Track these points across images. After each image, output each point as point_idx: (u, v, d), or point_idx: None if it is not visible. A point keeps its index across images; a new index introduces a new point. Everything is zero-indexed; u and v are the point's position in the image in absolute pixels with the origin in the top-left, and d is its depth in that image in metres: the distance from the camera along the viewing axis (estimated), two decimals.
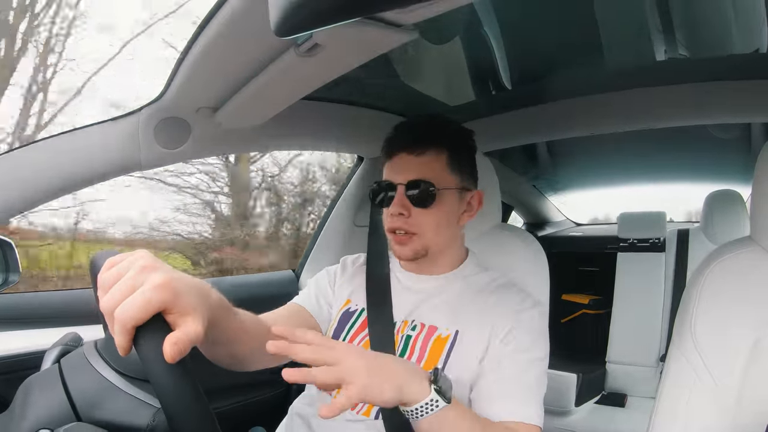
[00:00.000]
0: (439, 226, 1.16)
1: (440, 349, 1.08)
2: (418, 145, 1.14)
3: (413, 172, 1.13)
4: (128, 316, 0.56)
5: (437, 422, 0.84)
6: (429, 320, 1.14)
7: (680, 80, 1.46)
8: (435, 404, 0.83)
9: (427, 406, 0.83)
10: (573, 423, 2.31)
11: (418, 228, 1.13)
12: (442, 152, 1.15)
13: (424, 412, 0.82)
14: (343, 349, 0.82)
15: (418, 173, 1.13)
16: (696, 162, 3.09)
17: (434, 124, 1.19)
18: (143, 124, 1.22)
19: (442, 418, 0.84)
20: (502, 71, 1.61)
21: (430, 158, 1.14)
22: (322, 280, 1.33)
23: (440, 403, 0.83)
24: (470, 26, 1.40)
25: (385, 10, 0.67)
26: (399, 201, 1.13)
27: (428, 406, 0.83)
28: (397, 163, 1.17)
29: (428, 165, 1.14)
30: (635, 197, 3.88)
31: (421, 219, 1.13)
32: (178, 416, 0.55)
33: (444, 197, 1.14)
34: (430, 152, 1.14)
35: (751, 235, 0.96)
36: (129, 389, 0.87)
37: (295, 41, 0.85)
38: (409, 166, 1.14)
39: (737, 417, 0.84)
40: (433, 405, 0.83)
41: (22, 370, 1.16)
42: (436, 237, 1.17)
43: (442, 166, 1.15)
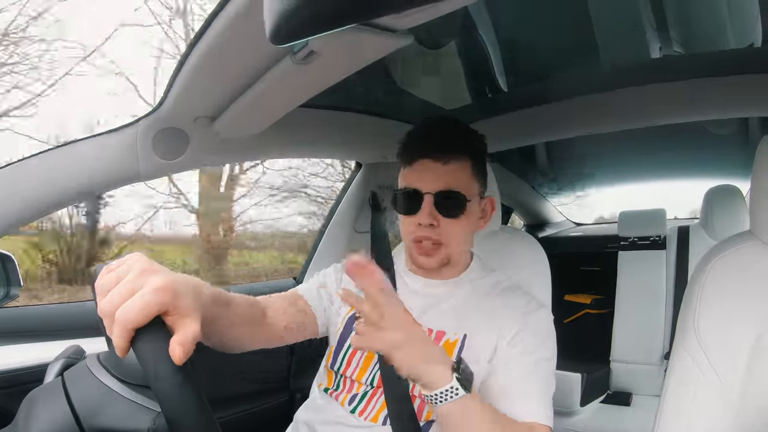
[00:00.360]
0: (465, 236, 1.16)
1: (449, 352, 1.08)
2: (444, 153, 1.10)
3: (441, 182, 1.09)
4: (128, 318, 0.57)
5: (457, 411, 0.85)
6: (437, 325, 1.13)
7: (676, 77, 1.46)
8: (455, 392, 0.84)
9: (447, 393, 0.84)
10: (579, 423, 2.30)
11: (447, 238, 1.11)
12: (466, 160, 1.12)
13: (444, 398, 0.84)
14: (394, 316, 0.85)
15: (447, 183, 1.09)
16: (694, 158, 3.09)
17: (458, 129, 1.16)
18: (141, 135, 1.22)
19: (461, 407, 0.85)
20: (497, 74, 1.61)
21: (457, 167, 1.11)
22: (328, 276, 1.31)
23: (460, 392, 0.84)
24: (465, 30, 1.40)
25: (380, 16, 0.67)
26: (428, 211, 1.09)
27: (448, 393, 0.84)
28: (422, 170, 1.12)
29: (456, 174, 1.10)
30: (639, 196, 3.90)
31: (450, 229, 1.11)
32: (178, 418, 0.55)
33: (471, 207, 1.13)
34: (456, 160, 1.11)
35: (750, 230, 0.96)
36: (129, 395, 0.87)
37: (291, 49, 0.85)
38: (437, 174, 1.10)
39: (742, 413, 0.84)
40: (453, 392, 0.84)
41: (25, 384, 1.16)
42: (460, 246, 1.16)
43: (468, 175, 1.13)
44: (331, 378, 1.20)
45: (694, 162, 3.21)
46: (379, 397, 1.09)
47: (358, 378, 1.14)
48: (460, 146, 1.12)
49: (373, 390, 1.11)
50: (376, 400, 1.10)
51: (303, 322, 1.18)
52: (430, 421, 1.06)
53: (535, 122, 1.80)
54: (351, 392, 1.14)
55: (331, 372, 1.20)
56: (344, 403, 1.13)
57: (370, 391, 1.11)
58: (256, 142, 1.41)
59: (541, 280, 1.36)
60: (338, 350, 1.18)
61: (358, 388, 1.13)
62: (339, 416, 1.11)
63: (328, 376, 1.21)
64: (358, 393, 1.13)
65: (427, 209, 1.09)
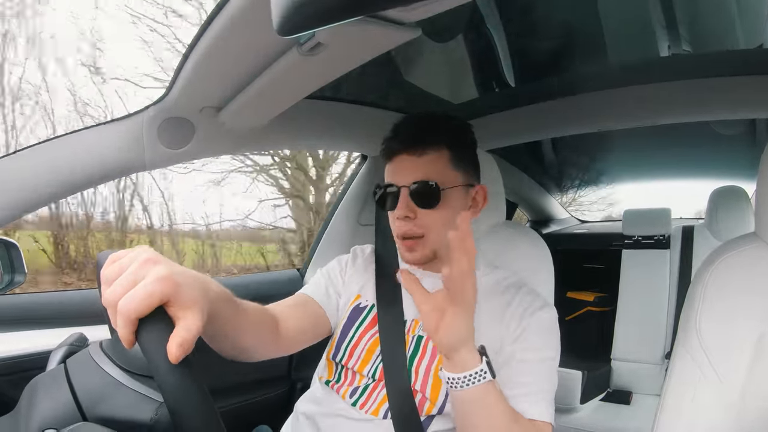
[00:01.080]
0: (447, 226, 1.12)
1: None
2: (419, 145, 1.12)
3: (416, 173, 1.11)
4: (131, 308, 0.57)
5: (479, 396, 0.85)
6: None
7: (684, 76, 1.46)
8: (483, 375, 0.84)
9: (475, 377, 0.84)
10: (578, 420, 2.30)
11: (426, 229, 1.12)
12: (443, 150, 1.13)
13: (471, 382, 0.84)
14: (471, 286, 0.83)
15: (421, 174, 1.11)
16: (699, 158, 3.08)
17: (432, 121, 1.17)
18: (147, 124, 1.22)
19: (484, 393, 0.85)
20: (505, 68, 1.60)
21: (431, 157, 1.12)
22: (333, 270, 1.31)
23: (487, 376, 0.84)
24: (473, 24, 1.40)
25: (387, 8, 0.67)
26: (404, 203, 1.11)
27: (476, 377, 0.84)
28: (398, 164, 1.15)
29: (430, 164, 1.11)
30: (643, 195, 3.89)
31: (428, 220, 1.11)
32: (180, 408, 0.55)
33: (449, 196, 1.12)
34: (431, 151, 1.12)
35: (755, 231, 0.95)
36: (132, 384, 0.87)
37: (297, 40, 0.85)
38: (411, 167, 1.12)
39: (742, 413, 0.84)
40: (480, 376, 0.84)
41: (27, 371, 1.17)
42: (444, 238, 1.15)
43: (445, 164, 1.13)
44: (332, 370, 1.20)
45: (700, 162, 3.20)
46: (381, 390, 1.09)
47: (360, 370, 1.14)
48: (433, 137, 1.13)
49: (375, 383, 1.11)
50: (378, 394, 1.10)
51: (316, 325, 1.18)
52: (430, 415, 1.06)
53: (542, 118, 1.80)
54: (352, 385, 1.14)
55: (332, 363, 1.20)
56: (345, 396, 1.13)
57: (371, 384, 1.11)
58: (262, 132, 1.41)
59: (544, 277, 1.36)
60: (341, 341, 1.18)
61: (359, 381, 1.13)
62: (339, 409, 1.11)
63: (329, 367, 1.21)
64: (359, 386, 1.13)
65: (404, 202, 1.11)
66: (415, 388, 1.06)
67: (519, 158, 3.02)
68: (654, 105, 1.59)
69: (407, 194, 1.11)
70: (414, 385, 1.07)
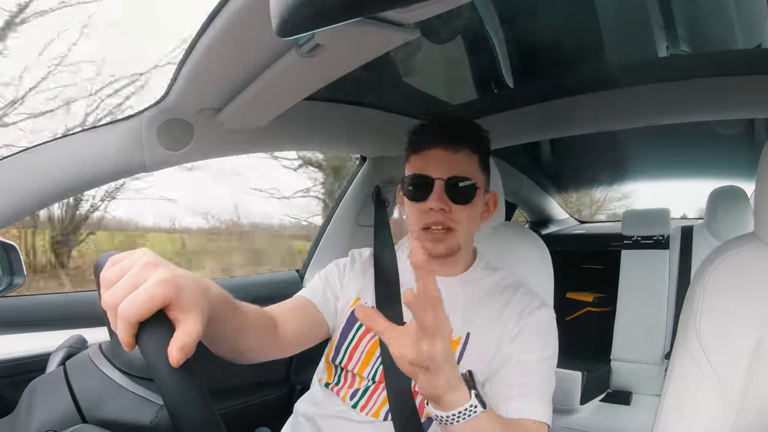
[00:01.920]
0: (473, 224, 1.18)
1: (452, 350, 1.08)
2: (454, 143, 1.13)
3: (452, 168, 1.12)
4: (131, 311, 0.57)
5: (470, 428, 0.81)
6: None
7: (683, 76, 1.46)
8: (474, 410, 0.80)
9: (466, 412, 0.79)
10: (578, 421, 2.30)
11: (457, 224, 1.13)
12: (474, 152, 1.16)
13: (462, 417, 0.79)
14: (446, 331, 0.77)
15: (458, 169, 1.12)
16: (698, 158, 3.08)
17: (468, 123, 1.20)
18: (146, 126, 1.22)
19: (475, 424, 0.80)
20: (503, 69, 1.60)
21: (466, 156, 1.14)
22: (331, 273, 1.31)
23: (478, 409, 0.80)
24: (472, 25, 1.40)
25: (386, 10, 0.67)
26: (438, 196, 1.11)
27: (467, 412, 0.79)
28: (432, 157, 1.14)
29: (466, 162, 1.14)
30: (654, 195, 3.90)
31: (460, 215, 1.13)
32: (180, 412, 0.55)
33: (478, 195, 1.15)
34: (465, 150, 1.14)
35: (754, 232, 0.96)
36: (132, 387, 0.87)
37: (296, 42, 0.85)
38: (447, 161, 1.13)
39: (742, 413, 0.84)
40: (472, 411, 0.80)
41: (27, 373, 1.17)
42: (468, 235, 1.18)
43: (476, 165, 1.16)
44: (332, 372, 1.20)
45: (698, 162, 3.20)
46: (381, 392, 1.09)
47: (360, 372, 1.14)
48: (468, 139, 1.15)
49: (375, 385, 1.11)
50: (378, 396, 1.10)
51: (314, 327, 1.18)
52: (431, 417, 1.06)
53: (541, 119, 1.80)
54: (352, 387, 1.14)
55: (332, 366, 1.20)
56: (345, 398, 1.13)
57: (371, 386, 1.12)
58: (261, 134, 1.41)
59: (543, 277, 1.36)
60: (341, 343, 1.18)
61: (359, 383, 1.14)
62: (340, 410, 1.12)
63: (328, 370, 1.21)
64: (359, 388, 1.13)
65: (438, 194, 1.11)
66: (415, 390, 1.06)
67: (518, 159, 3.03)
68: (652, 105, 1.59)
69: (442, 186, 1.11)
70: (415, 387, 1.06)
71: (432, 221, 1.12)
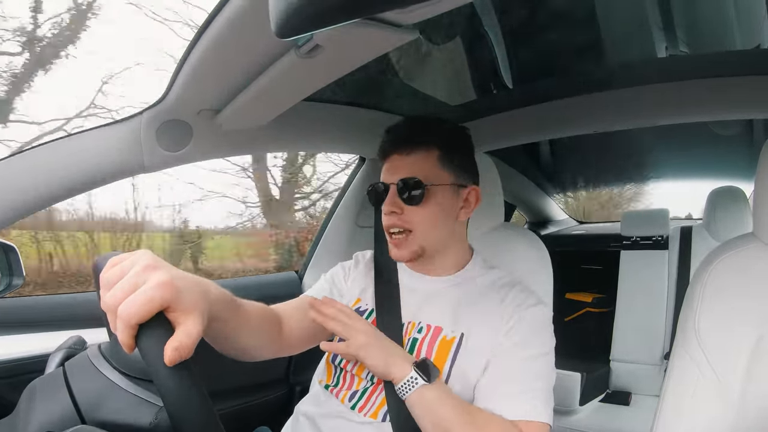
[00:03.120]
0: (433, 223, 1.17)
1: (446, 350, 1.09)
2: (407, 145, 1.16)
3: (403, 171, 1.15)
4: (131, 313, 0.57)
5: (420, 401, 0.97)
6: (434, 321, 1.14)
7: (682, 77, 1.46)
8: (414, 382, 0.98)
9: (408, 383, 0.98)
10: (578, 422, 2.30)
11: (411, 225, 1.15)
12: (432, 150, 1.16)
13: (407, 389, 0.98)
14: (358, 327, 1.07)
15: (407, 172, 1.14)
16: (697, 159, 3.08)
17: (423, 123, 1.21)
18: (145, 127, 1.22)
19: (422, 397, 0.97)
20: (503, 70, 1.60)
21: (419, 156, 1.15)
22: (337, 275, 1.35)
23: (419, 381, 0.97)
24: (471, 25, 1.40)
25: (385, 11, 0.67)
26: (390, 200, 1.15)
27: (408, 383, 0.98)
28: (389, 164, 1.19)
29: (417, 163, 1.15)
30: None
31: (414, 216, 1.14)
32: (180, 413, 0.55)
33: (435, 194, 1.14)
34: (419, 150, 1.15)
35: (753, 232, 0.96)
36: (132, 389, 0.87)
37: (295, 43, 0.85)
38: (400, 165, 1.16)
39: (742, 414, 0.84)
40: (413, 382, 0.98)
41: (26, 374, 1.17)
42: (430, 234, 1.17)
43: (433, 164, 1.16)
44: (331, 373, 1.20)
45: (697, 163, 3.20)
46: (379, 393, 1.09)
47: (359, 373, 1.14)
48: (423, 137, 1.17)
49: (374, 386, 1.11)
50: (376, 397, 1.10)
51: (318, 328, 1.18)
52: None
53: (540, 120, 1.80)
54: (351, 388, 1.14)
55: (332, 366, 1.20)
56: (344, 400, 1.13)
57: (370, 387, 1.12)
58: (260, 135, 1.41)
59: (542, 278, 1.36)
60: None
61: (358, 384, 1.14)
62: (340, 411, 1.12)
63: (328, 370, 1.21)
64: (358, 389, 1.13)
65: (391, 198, 1.15)
66: None
67: (517, 160, 3.03)
68: (652, 106, 1.59)
69: (395, 191, 1.15)
70: None
71: (387, 224, 1.17)
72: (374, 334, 1.06)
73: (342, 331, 1.05)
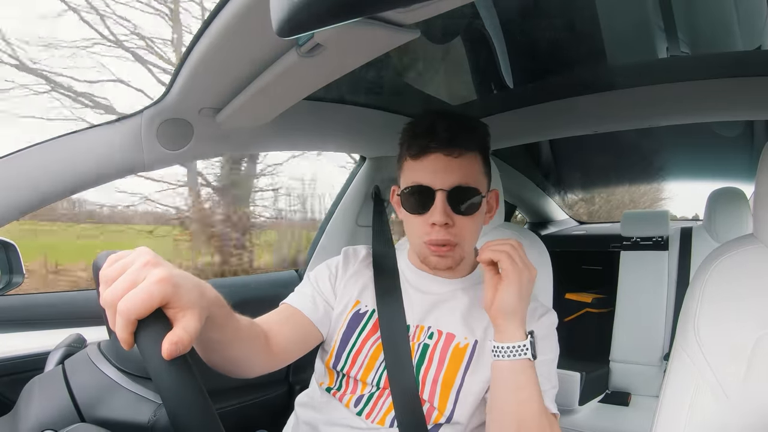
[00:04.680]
0: (476, 233, 1.12)
1: (460, 358, 1.07)
2: (456, 146, 1.04)
3: (455, 176, 1.04)
4: (130, 308, 0.57)
5: (515, 370, 0.94)
6: (446, 327, 1.11)
7: (683, 78, 1.46)
8: (524, 350, 0.94)
9: (516, 350, 0.94)
10: (577, 422, 2.30)
11: (461, 238, 1.08)
12: (476, 154, 1.08)
13: (512, 353, 0.94)
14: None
15: (461, 177, 1.04)
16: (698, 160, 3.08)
17: (469, 122, 1.10)
18: (146, 125, 1.22)
19: (520, 369, 0.94)
20: (503, 70, 1.60)
21: (469, 161, 1.06)
22: (321, 277, 1.24)
23: (527, 353, 0.93)
24: (472, 25, 1.40)
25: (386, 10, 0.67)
26: (442, 209, 1.03)
27: (516, 350, 0.94)
28: (432, 164, 1.05)
29: (469, 169, 1.06)
30: None
31: (464, 228, 1.07)
32: (178, 408, 0.55)
33: (483, 202, 1.09)
34: (468, 154, 1.06)
35: (753, 233, 0.96)
36: (130, 386, 0.87)
37: (296, 41, 0.85)
38: (450, 168, 1.04)
39: (741, 415, 0.84)
40: (521, 351, 0.94)
41: (26, 372, 1.17)
42: (471, 244, 1.13)
43: (479, 170, 1.09)
44: (333, 377, 1.16)
45: (698, 164, 3.20)
46: (386, 398, 1.07)
47: (363, 378, 1.10)
48: (470, 139, 1.07)
49: (380, 391, 1.08)
50: (383, 402, 1.07)
51: (306, 336, 1.14)
52: (438, 424, 1.04)
53: (540, 120, 1.80)
54: (356, 393, 1.11)
55: (333, 372, 1.16)
56: (349, 404, 1.09)
57: (376, 393, 1.09)
58: (261, 134, 1.41)
59: (542, 278, 1.36)
60: (341, 349, 1.14)
61: (363, 389, 1.10)
62: (344, 417, 1.09)
63: (329, 375, 1.17)
64: (363, 394, 1.10)
65: (441, 207, 1.03)
66: (423, 398, 1.04)
67: (517, 160, 3.03)
68: (652, 107, 1.59)
69: (444, 198, 1.04)
70: (422, 395, 1.05)
71: (436, 238, 1.06)
72: (525, 287, 0.97)
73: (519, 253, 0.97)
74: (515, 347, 0.93)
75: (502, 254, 0.95)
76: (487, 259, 0.97)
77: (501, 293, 0.95)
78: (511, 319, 0.95)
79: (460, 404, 1.03)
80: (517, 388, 0.93)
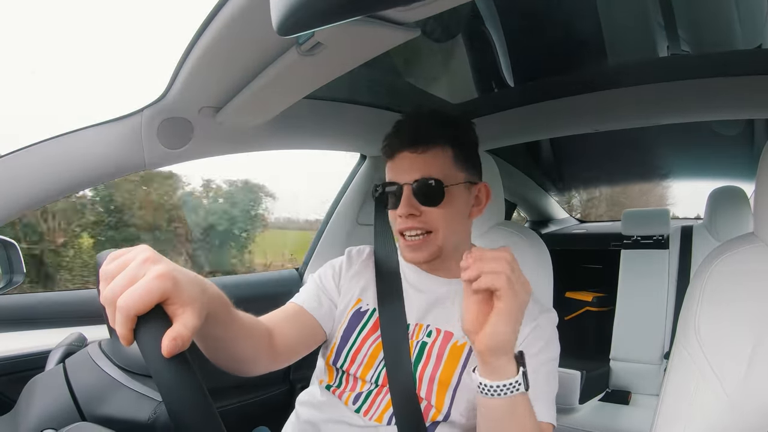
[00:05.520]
0: (451, 223, 1.13)
1: (457, 356, 1.07)
2: (421, 143, 1.10)
3: (418, 171, 1.09)
4: (129, 305, 0.57)
5: (510, 407, 0.83)
6: (444, 326, 1.12)
7: (683, 76, 1.46)
8: (517, 387, 0.81)
9: (509, 387, 0.81)
10: (577, 420, 2.30)
11: (431, 225, 1.10)
12: (446, 148, 1.11)
13: (504, 392, 0.81)
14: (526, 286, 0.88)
15: (423, 171, 1.09)
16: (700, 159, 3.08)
17: (435, 119, 1.15)
18: (146, 124, 1.22)
19: (514, 405, 0.82)
20: (504, 68, 1.60)
21: (434, 155, 1.10)
22: (325, 276, 1.27)
23: (521, 388, 0.82)
24: (472, 24, 1.40)
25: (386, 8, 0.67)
26: (407, 201, 1.09)
27: (509, 387, 0.81)
28: (401, 162, 1.13)
29: (433, 162, 1.10)
30: None
31: (433, 217, 1.10)
32: (177, 405, 0.55)
33: (453, 193, 1.11)
34: (435, 149, 1.10)
35: (754, 232, 0.95)
36: (131, 384, 0.87)
37: (296, 40, 0.85)
38: (414, 164, 1.10)
39: (742, 414, 0.84)
40: (514, 387, 0.81)
41: (26, 371, 1.17)
42: (449, 235, 1.13)
43: (449, 162, 1.12)
44: (333, 374, 1.17)
45: (698, 163, 3.20)
46: (384, 396, 1.08)
47: (363, 376, 1.11)
48: (437, 135, 1.11)
49: (378, 389, 1.09)
50: (381, 399, 1.08)
51: (311, 335, 1.16)
52: (435, 422, 1.04)
53: (541, 118, 1.79)
54: (355, 390, 1.12)
55: (333, 369, 1.17)
56: (348, 402, 1.11)
57: (374, 390, 1.10)
58: (261, 132, 1.41)
59: (542, 277, 1.36)
60: (342, 347, 1.16)
61: (362, 387, 1.12)
62: (343, 415, 1.09)
63: (329, 372, 1.18)
64: (362, 392, 1.11)
65: (407, 199, 1.10)
66: (420, 395, 1.05)
67: (518, 158, 3.03)
68: (653, 105, 1.59)
69: (410, 192, 1.09)
70: (419, 392, 1.05)
71: (404, 227, 1.12)
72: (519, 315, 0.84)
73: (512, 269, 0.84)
74: (506, 385, 0.81)
75: (502, 277, 0.82)
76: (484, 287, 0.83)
77: (495, 326, 0.81)
78: (502, 354, 0.81)
79: (456, 402, 1.03)
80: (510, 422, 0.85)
